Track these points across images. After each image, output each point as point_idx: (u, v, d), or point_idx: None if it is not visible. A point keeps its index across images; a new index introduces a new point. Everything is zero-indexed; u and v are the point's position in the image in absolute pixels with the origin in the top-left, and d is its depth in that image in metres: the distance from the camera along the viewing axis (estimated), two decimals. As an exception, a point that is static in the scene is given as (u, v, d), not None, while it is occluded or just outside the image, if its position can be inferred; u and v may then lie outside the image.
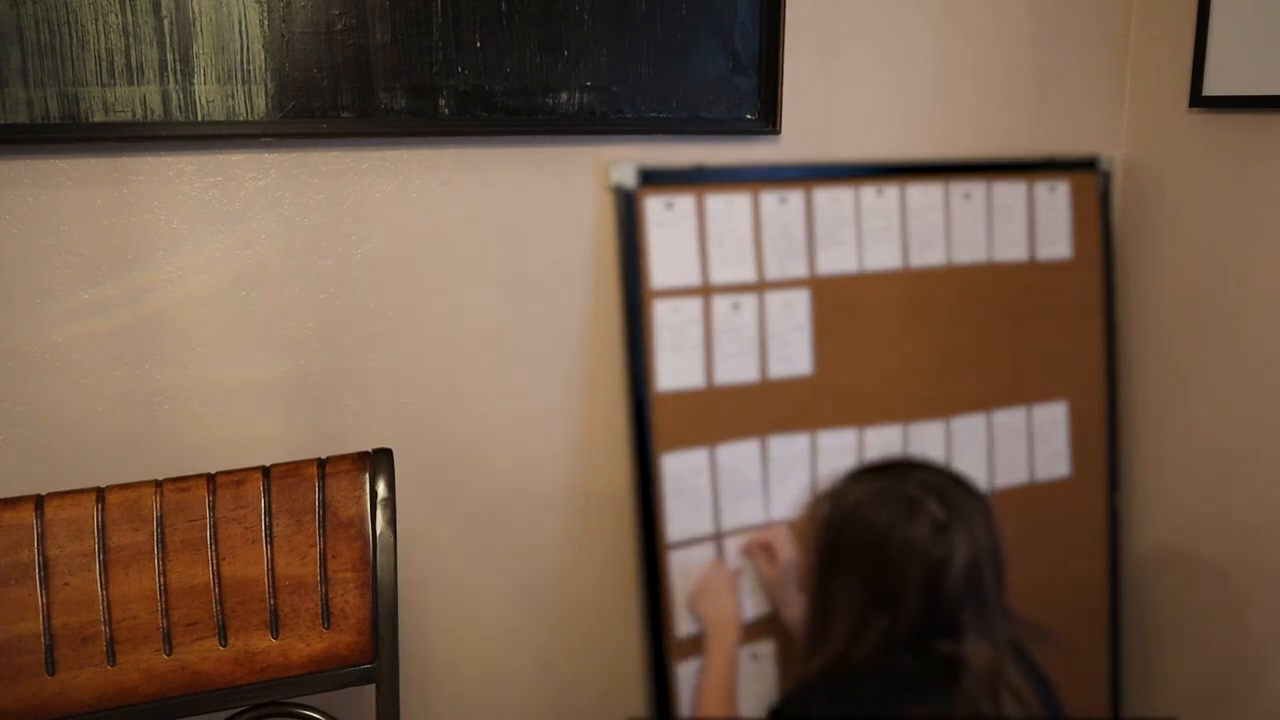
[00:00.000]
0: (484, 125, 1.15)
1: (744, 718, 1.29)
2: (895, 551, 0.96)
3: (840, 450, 1.35)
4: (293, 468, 1.00)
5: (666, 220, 1.24)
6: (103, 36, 0.99)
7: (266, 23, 1.04)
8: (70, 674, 0.92)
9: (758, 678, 1.32)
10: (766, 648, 1.32)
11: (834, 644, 0.99)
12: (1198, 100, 1.36)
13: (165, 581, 0.94)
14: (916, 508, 0.97)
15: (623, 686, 1.35)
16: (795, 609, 1.26)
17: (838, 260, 1.34)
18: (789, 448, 1.33)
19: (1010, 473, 1.46)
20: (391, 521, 1.00)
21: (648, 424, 1.25)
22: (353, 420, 1.17)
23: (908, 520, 0.97)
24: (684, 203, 1.25)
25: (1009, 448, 1.45)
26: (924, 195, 1.37)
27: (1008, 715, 0.93)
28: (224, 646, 0.96)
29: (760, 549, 1.30)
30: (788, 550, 1.28)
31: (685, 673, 1.28)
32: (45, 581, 0.92)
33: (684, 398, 1.26)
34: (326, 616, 0.98)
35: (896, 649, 0.96)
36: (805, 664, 1.03)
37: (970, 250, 1.41)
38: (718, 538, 1.30)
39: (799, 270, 1.31)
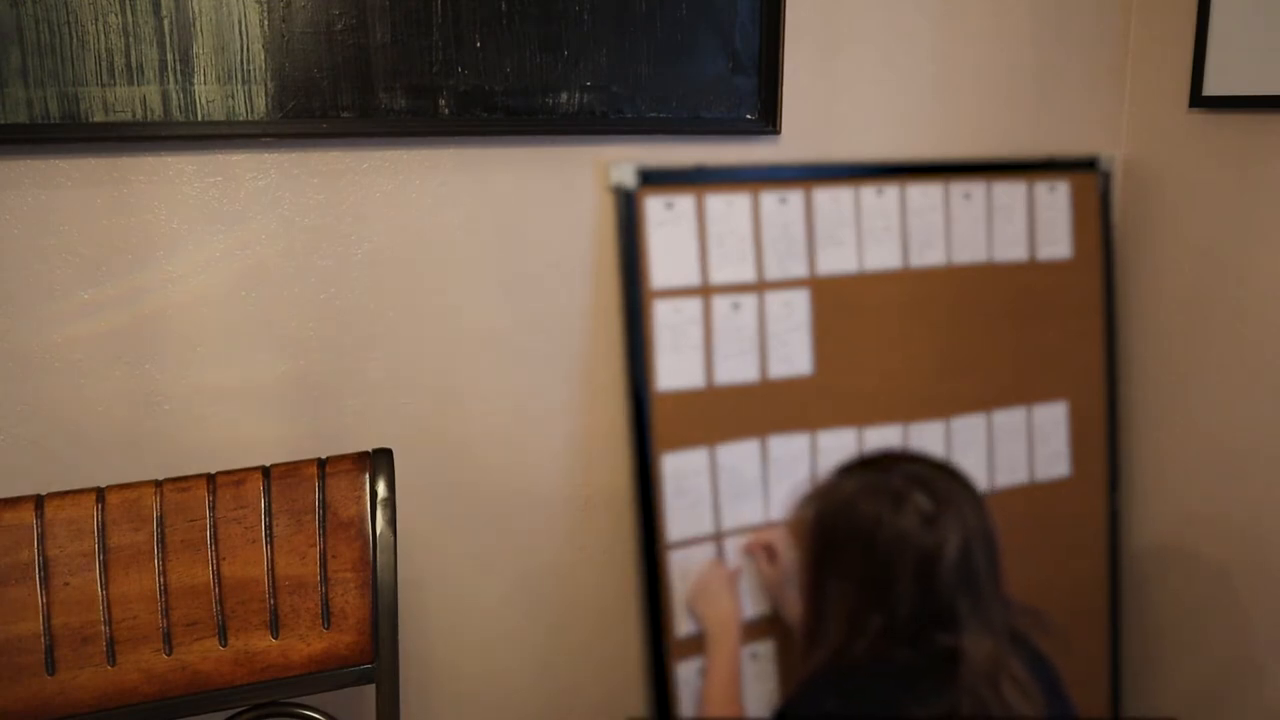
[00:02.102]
0: (484, 125, 1.15)
1: (750, 718, 1.29)
2: (885, 545, 0.96)
3: (840, 450, 1.35)
4: (293, 468, 1.00)
5: (666, 220, 1.24)
6: (103, 36, 0.99)
7: (266, 23, 1.04)
8: (70, 674, 0.92)
9: (758, 677, 1.32)
10: (766, 647, 1.32)
11: (832, 642, 0.99)
12: (1198, 100, 1.36)
13: (165, 581, 0.94)
14: (903, 500, 0.97)
15: (623, 687, 1.35)
16: (797, 608, 1.26)
17: (838, 260, 1.34)
18: (789, 448, 1.33)
19: (1010, 473, 1.46)
20: (391, 521, 1.00)
21: (648, 424, 1.25)
22: (353, 420, 1.17)
23: (895, 513, 0.97)
24: (684, 203, 1.25)
25: (1009, 448, 1.45)
26: (924, 195, 1.37)
27: (1011, 706, 0.93)
28: (224, 646, 0.96)
29: (760, 549, 1.30)
30: (788, 550, 1.28)
31: (685, 673, 1.28)
32: (45, 581, 0.91)
33: (684, 398, 1.26)
34: (326, 616, 0.98)
35: (895, 643, 0.96)
36: (805, 663, 1.02)
37: (970, 250, 1.41)
38: (718, 538, 1.30)
39: (799, 270, 1.31)
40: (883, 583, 0.96)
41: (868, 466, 1.04)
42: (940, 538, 0.96)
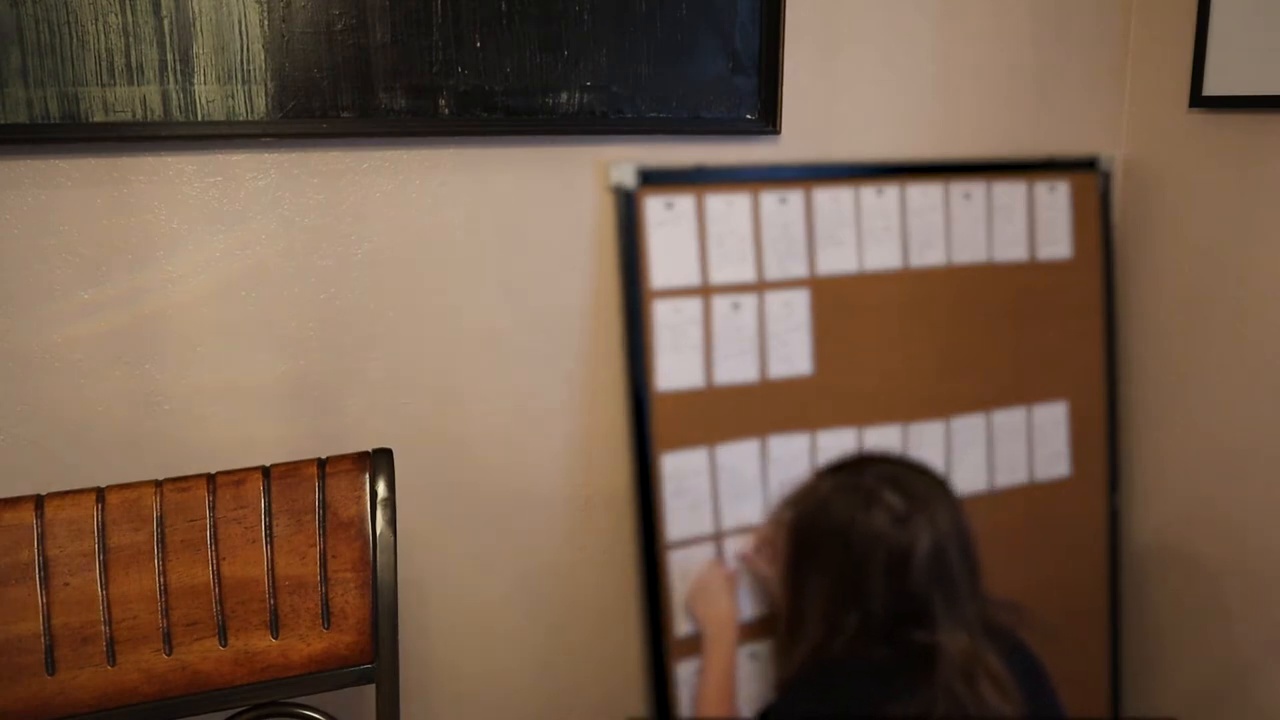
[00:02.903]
0: (484, 125, 1.15)
1: (744, 718, 1.29)
2: (857, 544, 0.99)
3: (840, 450, 1.34)
4: (293, 468, 1.00)
5: (666, 220, 1.24)
6: (103, 36, 0.99)
7: (266, 23, 1.04)
8: (70, 674, 0.92)
9: (757, 677, 1.32)
10: (765, 647, 1.32)
11: (811, 640, 1.01)
12: (1198, 100, 1.36)
13: (165, 581, 0.94)
14: (874, 499, 1.00)
15: (623, 686, 1.35)
16: None
17: (838, 260, 1.34)
18: (789, 448, 1.33)
19: (1010, 473, 1.46)
20: (391, 521, 1.00)
21: (647, 424, 1.25)
22: (353, 420, 1.17)
23: (866, 512, 0.99)
24: (684, 203, 1.25)
25: (1009, 448, 1.45)
26: (924, 195, 1.37)
27: (986, 702, 0.94)
28: (224, 646, 0.96)
29: (759, 551, 1.30)
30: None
31: (685, 673, 1.28)
32: (45, 581, 0.91)
33: (684, 398, 1.26)
34: (326, 616, 0.98)
35: (872, 641, 0.98)
36: (784, 664, 1.04)
37: (970, 250, 1.41)
38: (717, 538, 1.30)
39: (799, 270, 1.31)
40: (856, 581, 0.99)
41: (840, 469, 1.07)
42: (912, 536, 0.98)
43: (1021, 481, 1.47)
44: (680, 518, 1.27)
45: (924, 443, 1.40)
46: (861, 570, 0.98)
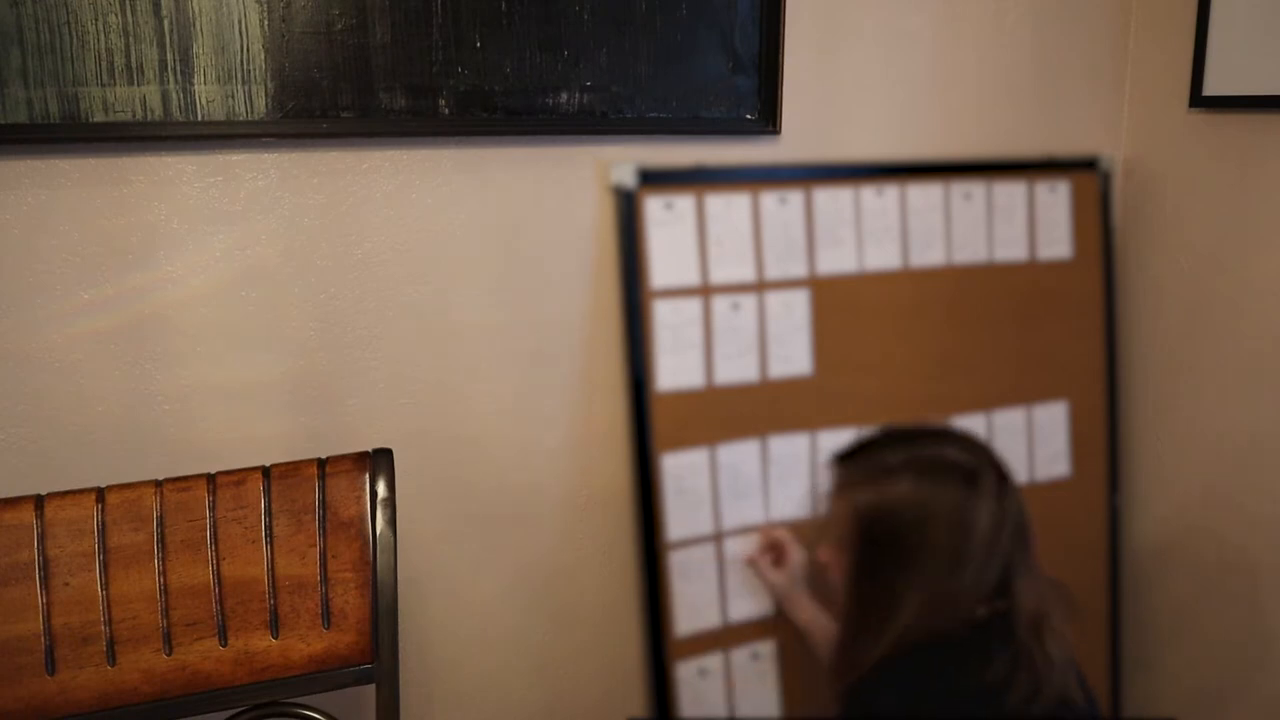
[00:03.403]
0: (484, 125, 1.15)
1: (747, 716, 1.29)
2: (967, 524, 0.96)
3: (840, 450, 1.35)
4: (293, 468, 1.00)
5: (666, 220, 1.24)
6: (103, 36, 0.99)
7: (266, 23, 1.04)
8: (70, 674, 0.92)
9: (759, 677, 1.32)
10: (767, 648, 1.32)
11: (899, 625, 0.97)
12: (1198, 100, 1.36)
13: (165, 581, 0.94)
14: (975, 477, 0.97)
15: (623, 686, 1.35)
16: (807, 612, 1.26)
17: (838, 260, 1.34)
18: (789, 448, 1.33)
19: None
20: (391, 521, 1.00)
21: (648, 424, 1.25)
22: (353, 420, 1.17)
23: (972, 491, 0.96)
24: (684, 203, 1.25)
25: (1009, 448, 1.45)
26: (924, 195, 1.37)
27: (1053, 661, 0.94)
28: (224, 646, 0.96)
29: (767, 552, 1.29)
30: (797, 552, 1.27)
31: (685, 673, 1.28)
32: (45, 581, 0.91)
33: (684, 398, 1.26)
34: (326, 616, 0.98)
35: (961, 615, 0.97)
36: (858, 653, 1.00)
37: (970, 250, 1.41)
38: (718, 538, 1.30)
39: (799, 270, 1.31)
40: (963, 560, 0.96)
41: (911, 444, 1.02)
42: (1010, 506, 0.97)
43: (1021, 481, 1.46)
44: (680, 517, 1.27)
45: (924, 443, 1.40)
46: (969, 549, 0.96)
